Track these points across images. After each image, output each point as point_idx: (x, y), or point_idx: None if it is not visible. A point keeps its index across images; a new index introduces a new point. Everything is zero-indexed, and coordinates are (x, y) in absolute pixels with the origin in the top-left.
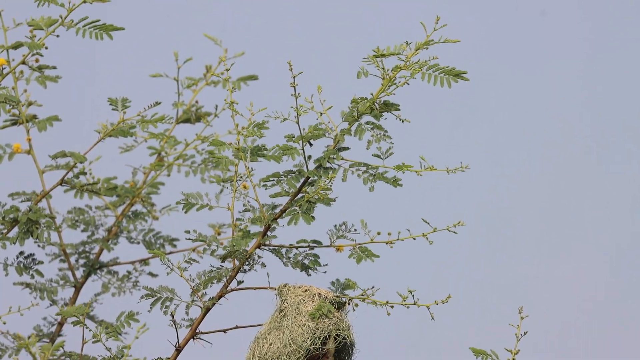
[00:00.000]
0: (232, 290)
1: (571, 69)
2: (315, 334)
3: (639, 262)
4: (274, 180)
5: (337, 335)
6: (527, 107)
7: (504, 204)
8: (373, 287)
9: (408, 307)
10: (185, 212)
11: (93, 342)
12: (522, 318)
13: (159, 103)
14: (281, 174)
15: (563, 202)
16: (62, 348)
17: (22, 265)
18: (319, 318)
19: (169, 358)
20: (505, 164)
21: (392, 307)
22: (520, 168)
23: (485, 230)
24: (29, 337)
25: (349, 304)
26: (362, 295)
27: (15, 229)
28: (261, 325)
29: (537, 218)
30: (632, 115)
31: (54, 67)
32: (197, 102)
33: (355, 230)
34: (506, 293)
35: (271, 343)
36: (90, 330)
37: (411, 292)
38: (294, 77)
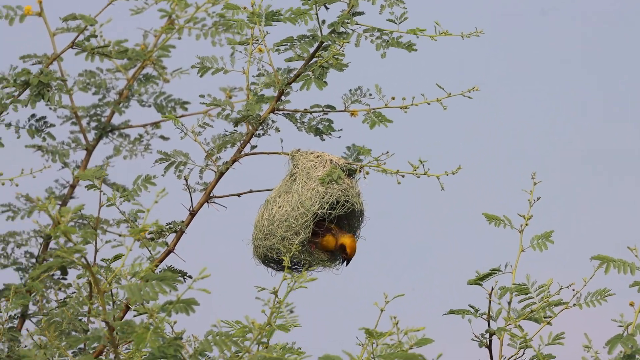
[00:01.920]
0: (246, 154)
1: None
2: (323, 198)
3: None
4: (287, 44)
5: (345, 201)
6: None
7: (520, 72)
8: (387, 152)
9: (419, 177)
10: (201, 76)
11: (107, 206)
12: (535, 184)
13: None
14: (295, 38)
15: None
16: (80, 211)
17: (34, 127)
18: (328, 183)
19: (182, 221)
20: (521, 30)
21: (402, 176)
22: (536, 31)
23: (501, 98)
24: (47, 200)
25: (359, 171)
26: (375, 161)
27: (27, 92)
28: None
29: (555, 82)
30: None
31: None
32: None
33: (370, 95)
34: (522, 162)
35: (280, 206)
36: (104, 194)
37: (422, 162)
38: None
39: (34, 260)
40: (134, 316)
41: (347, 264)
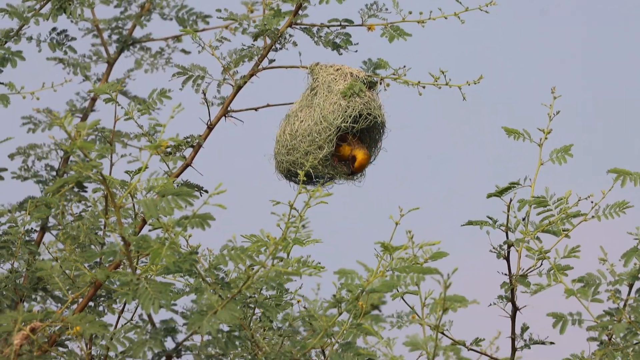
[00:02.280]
0: (264, 68)
1: None
2: (346, 112)
3: None
4: None
5: (367, 114)
6: None
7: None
8: (405, 67)
9: (439, 88)
10: None
11: (125, 119)
12: (554, 98)
13: None
14: None
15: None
16: (96, 126)
17: (55, 41)
18: (350, 96)
19: (200, 135)
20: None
21: (423, 87)
22: None
23: (517, 14)
24: (66, 113)
25: (380, 83)
26: (394, 74)
27: (48, 5)
28: (292, 103)
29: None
30: None
31: None
32: None
33: (387, 9)
34: (541, 77)
35: (302, 120)
36: (122, 107)
37: (443, 73)
38: None
39: (54, 173)
40: (150, 231)
41: (351, 176)
